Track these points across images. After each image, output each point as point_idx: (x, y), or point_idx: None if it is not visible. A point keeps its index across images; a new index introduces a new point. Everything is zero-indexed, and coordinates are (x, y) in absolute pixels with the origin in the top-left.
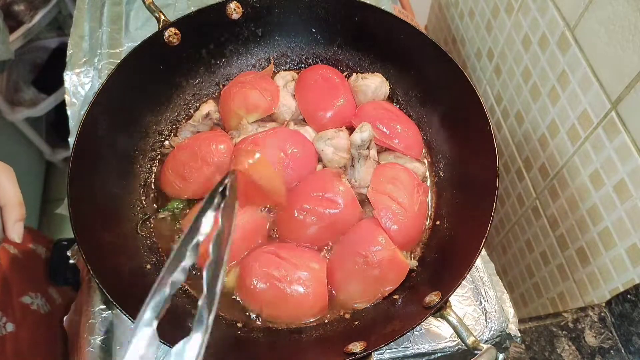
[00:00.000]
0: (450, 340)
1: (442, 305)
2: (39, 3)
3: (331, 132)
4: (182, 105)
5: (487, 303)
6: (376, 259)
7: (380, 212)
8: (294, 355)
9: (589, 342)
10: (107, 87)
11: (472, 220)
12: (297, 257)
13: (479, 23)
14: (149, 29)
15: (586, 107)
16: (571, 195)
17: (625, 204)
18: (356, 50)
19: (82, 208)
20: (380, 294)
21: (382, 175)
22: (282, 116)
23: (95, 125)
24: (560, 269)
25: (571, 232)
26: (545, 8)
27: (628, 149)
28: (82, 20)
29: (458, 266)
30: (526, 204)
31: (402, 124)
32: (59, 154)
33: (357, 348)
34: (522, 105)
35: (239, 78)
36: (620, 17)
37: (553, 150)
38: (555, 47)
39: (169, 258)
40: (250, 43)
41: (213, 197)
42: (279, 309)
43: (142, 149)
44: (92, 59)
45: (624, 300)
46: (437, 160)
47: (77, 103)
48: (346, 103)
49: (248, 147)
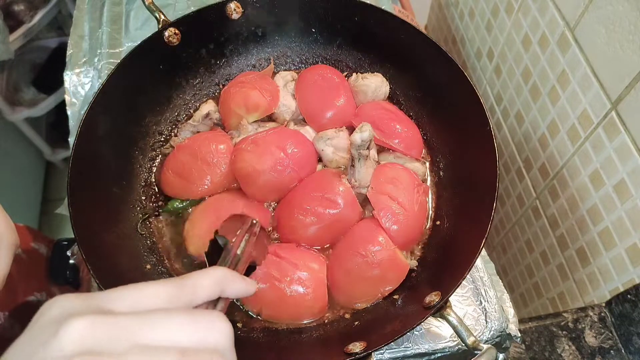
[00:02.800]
0: (450, 340)
1: (442, 305)
2: (39, 3)
3: (331, 132)
4: (182, 105)
5: (487, 303)
6: (376, 259)
7: (380, 212)
8: (294, 355)
9: (589, 342)
10: (107, 87)
11: (472, 220)
12: (297, 257)
13: (479, 23)
14: (149, 29)
15: (586, 107)
16: (571, 195)
17: (625, 204)
18: (356, 50)
19: (82, 208)
20: (380, 294)
21: (382, 175)
22: (282, 116)
23: (95, 125)
24: (560, 269)
25: (571, 232)
26: (545, 8)
27: (628, 149)
28: (82, 20)
29: (458, 266)
30: (526, 204)
31: (402, 124)
32: (59, 154)
33: (357, 348)
34: (522, 105)
35: (239, 78)
36: (620, 17)
37: (553, 150)
38: (555, 47)
39: None
40: (250, 43)
41: None
42: (279, 309)
43: (142, 149)
44: (92, 59)
45: (624, 300)
46: (437, 160)
47: (77, 103)
48: (346, 103)
49: (248, 147)
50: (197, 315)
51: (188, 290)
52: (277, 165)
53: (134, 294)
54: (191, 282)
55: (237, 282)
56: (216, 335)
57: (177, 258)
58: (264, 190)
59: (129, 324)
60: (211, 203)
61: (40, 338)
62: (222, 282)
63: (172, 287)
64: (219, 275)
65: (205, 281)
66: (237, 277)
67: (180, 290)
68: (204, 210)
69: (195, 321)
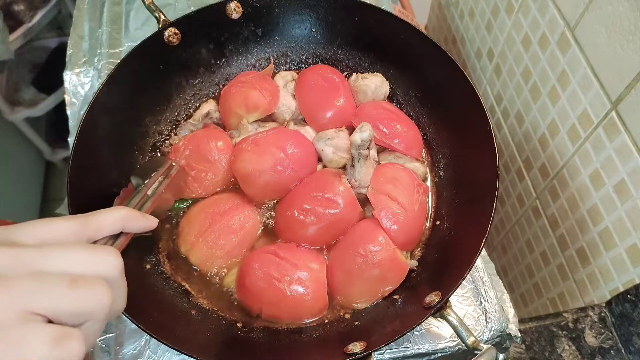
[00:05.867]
0: (451, 340)
1: (442, 306)
2: (38, 3)
3: (331, 132)
4: (182, 105)
5: (487, 303)
6: (376, 259)
7: (380, 212)
8: (294, 355)
9: (589, 342)
10: (107, 87)
11: (472, 220)
12: (297, 257)
13: (479, 23)
14: (148, 29)
15: (586, 107)
16: (571, 195)
17: (625, 204)
18: (356, 50)
19: (82, 208)
20: (380, 294)
21: (382, 175)
22: (282, 116)
23: (95, 125)
24: (561, 269)
25: (571, 232)
26: (546, 8)
27: (628, 149)
28: (81, 20)
29: (458, 266)
30: (526, 203)
31: (402, 124)
32: (58, 154)
33: (357, 348)
34: (522, 105)
35: (239, 78)
36: (620, 17)
37: (553, 150)
38: (555, 46)
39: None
40: (250, 43)
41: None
42: (278, 309)
43: (142, 149)
44: (91, 58)
45: (624, 300)
46: (437, 160)
47: (77, 103)
48: (346, 103)
49: (248, 147)
50: (92, 250)
51: (92, 226)
52: (277, 165)
53: (41, 227)
54: (95, 219)
55: (139, 219)
56: (107, 266)
57: (177, 258)
58: (264, 191)
59: (28, 254)
60: (208, 204)
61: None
62: (124, 220)
63: (77, 223)
64: (121, 214)
65: (109, 218)
66: (139, 215)
67: (85, 226)
68: (199, 212)
69: (89, 254)
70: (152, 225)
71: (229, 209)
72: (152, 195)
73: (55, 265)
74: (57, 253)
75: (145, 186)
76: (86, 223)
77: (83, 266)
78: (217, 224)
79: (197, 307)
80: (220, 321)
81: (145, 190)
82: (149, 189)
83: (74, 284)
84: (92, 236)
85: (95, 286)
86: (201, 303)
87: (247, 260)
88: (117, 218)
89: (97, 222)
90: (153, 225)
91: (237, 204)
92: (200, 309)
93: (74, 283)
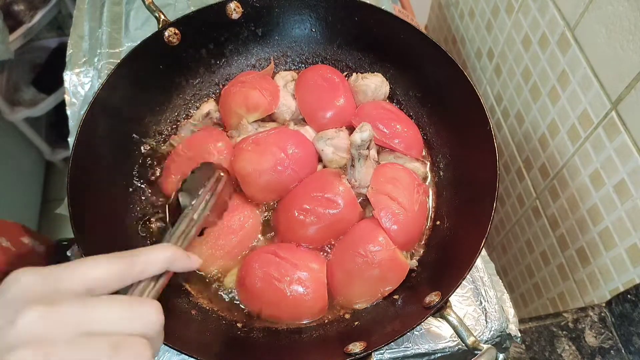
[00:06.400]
0: (451, 340)
1: (442, 306)
2: (38, 3)
3: (331, 132)
4: (182, 105)
5: (487, 303)
6: (376, 259)
7: (380, 212)
8: (294, 355)
9: (589, 342)
10: (107, 87)
11: (473, 220)
12: (297, 257)
13: (479, 23)
14: (148, 29)
15: (586, 107)
16: (571, 195)
17: (625, 204)
18: (356, 50)
19: (82, 208)
20: (380, 294)
21: (382, 175)
22: (282, 116)
23: (95, 125)
24: (561, 269)
25: (571, 232)
26: (546, 8)
27: (628, 149)
28: (81, 20)
29: (458, 266)
30: (526, 203)
31: (402, 124)
32: (58, 154)
33: (357, 348)
34: (522, 105)
35: (239, 78)
36: (620, 17)
37: (553, 150)
38: (555, 47)
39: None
40: (250, 43)
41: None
42: (278, 309)
43: (142, 148)
44: (91, 58)
45: (624, 300)
46: (437, 160)
47: (77, 103)
48: (346, 103)
49: (249, 147)
50: (135, 306)
51: (137, 268)
52: (277, 165)
53: (86, 270)
54: (142, 259)
55: (183, 260)
56: (149, 324)
57: None
58: (264, 191)
59: (71, 316)
60: None
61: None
62: (169, 261)
63: (122, 267)
64: (167, 256)
65: (155, 260)
66: (184, 256)
67: (130, 269)
68: None
69: (132, 311)
70: (195, 266)
71: (229, 209)
72: (197, 221)
73: (99, 326)
74: (100, 312)
75: (192, 209)
76: (132, 265)
77: (126, 324)
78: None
79: (197, 307)
80: (220, 321)
81: (191, 214)
82: (195, 213)
83: (116, 351)
84: (136, 278)
85: (136, 348)
86: (201, 303)
87: (247, 261)
88: (162, 259)
89: (143, 264)
90: (196, 267)
91: (237, 204)
92: (200, 309)
93: (115, 350)
